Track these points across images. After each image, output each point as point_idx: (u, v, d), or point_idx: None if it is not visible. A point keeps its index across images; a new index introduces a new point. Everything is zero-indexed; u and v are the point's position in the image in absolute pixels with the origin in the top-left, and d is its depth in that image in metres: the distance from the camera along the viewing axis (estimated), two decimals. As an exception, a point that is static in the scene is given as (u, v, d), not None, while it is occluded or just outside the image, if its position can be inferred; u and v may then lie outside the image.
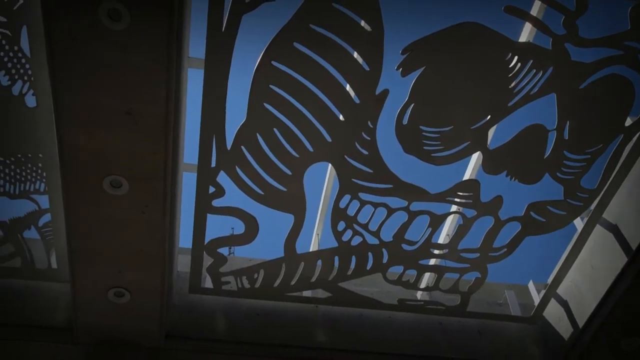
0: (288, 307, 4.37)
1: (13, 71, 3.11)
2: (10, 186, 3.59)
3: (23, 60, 3.08)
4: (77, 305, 3.79)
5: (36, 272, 4.02)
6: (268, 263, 4.12)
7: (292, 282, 4.20)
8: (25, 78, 3.15)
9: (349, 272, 4.16)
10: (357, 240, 4.00)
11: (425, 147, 3.53)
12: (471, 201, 3.85)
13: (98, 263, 3.59)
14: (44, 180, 3.58)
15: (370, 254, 4.08)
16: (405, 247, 4.04)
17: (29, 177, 3.56)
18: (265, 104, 3.36)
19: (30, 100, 3.24)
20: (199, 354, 4.13)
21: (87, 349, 3.97)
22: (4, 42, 3.00)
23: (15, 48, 3.03)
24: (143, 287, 3.74)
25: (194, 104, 3.43)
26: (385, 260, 4.10)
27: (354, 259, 4.10)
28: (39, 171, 3.54)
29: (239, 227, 3.88)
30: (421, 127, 3.46)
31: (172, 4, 2.66)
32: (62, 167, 3.19)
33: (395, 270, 4.19)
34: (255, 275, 4.16)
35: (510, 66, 3.23)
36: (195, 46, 3.37)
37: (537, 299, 4.49)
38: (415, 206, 3.86)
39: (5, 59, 3.06)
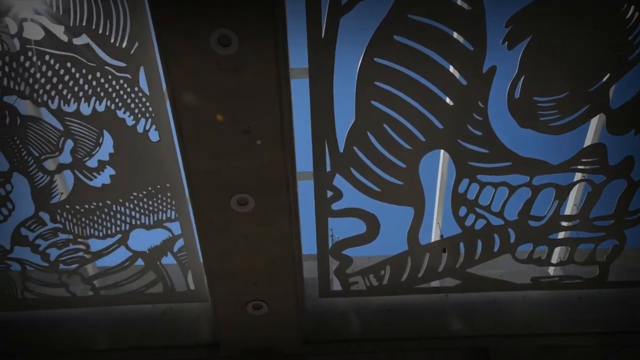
0: (418, 300, 4.36)
1: (136, 110, 3.32)
2: (145, 218, 3.83)
3: (144, 99, 3.27)
4: (219, 321, 3.98)
5: (176, 295, 4.26)
6: (393, 258, 4.13)
7: (420, 274, 4.18)
8: (147, 115, 3.34)
9: (477, 257, 4.08)
10: (481, 224, 3.92)
11: (541, 118, 3.40)
12: (598, 166, 3.66)
13: (234, 279, 3.74)
14: (173, 208, 3.78)
15: (496, 236, 3.98)
16: (532, 223, 3.91)
17: (160, 207, 3.78)
18: (372, 101, 3.37)
19: (154, 135, 3.43)
20: (339, 355, 4.21)
21: (233, 362, 4.17)
22: (125, 85, 3.21)
23: (136, 89, 3.22)
24: (278, 296, 3.86)
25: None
26: (512, 239, 3.98)
27: (479, 243, 4.02)
28: (169, 200, 3.74)
29: (344, 228, 3.93)
30: (535, 98, 3.33)
31: (275, 21, 2.74)
32: (191, 193, 3.36)
33: (525, 249, 4.06)
34: (382, 272, 4.18)
35: (627, 17, 3.04)
36: (294, 56, 3.44)
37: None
38: (538, 180, 3.72)
39: (128, 101, 3.27)
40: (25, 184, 3.63)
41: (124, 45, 3.06)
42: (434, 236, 4.31)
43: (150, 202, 3.76)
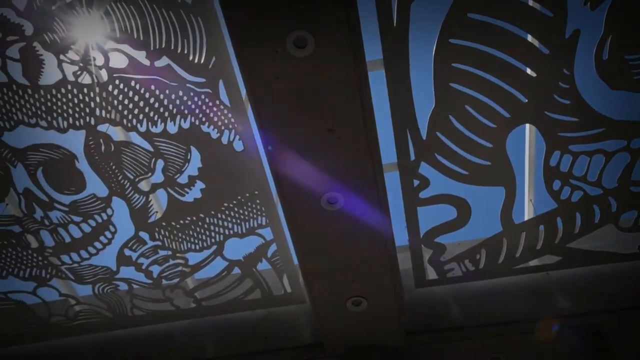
0: (518, 281, 4.23)
1: (219, 123, 3.40)
2: (237, 227, 3.92)
3: (225, 111, 3.35)
4: (320, 321, 4.02)
5: (274, 299, 4.34)
6: (488, 241, 4.03)
7: (517, 255, 4.06)
8: (230, 126, 3.42)
9: (576, 231, 3.92)
10: (577, 196, 3.76)
11: (635, 77, 3.22)
12: None
13: (331, 278, 3.77)
14: (264, 214, 3.85)
15: (595, 206, 3.81)
16: (634, 189, 3.71)
17: (251, 214, 3.86)
18: (451, 84, 3.31)
19: (238, 145, 3.51)
20: (443, 343, 4.16)
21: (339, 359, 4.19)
22: (206, 100, 3.30)
23: (217, 102, 3.30)
24: (377, 291, 3.85)
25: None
26: (614, 208, 3.80)
27: (578, 215, 3.86)
28: (258, 207, 3.81)
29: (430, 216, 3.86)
30: (626, 57, 3.16)
31: (348, 17, 2.73)
32: (281, 197, 3.41)
33: (628, 217, 3.86)
34: (478, 256, 4.09)
35: None
36: (366, 49, 3.42)
37: None
38: (637, 143, 3.53)
39: (211, 114, 3.36)
40: (124, 206, 3.80)
41: (202, 61, 3.15)
42: (528, 214, 4.17)
43: (241, 211, 3.84)
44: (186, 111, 3.36)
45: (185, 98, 3.30)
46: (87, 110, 3.35)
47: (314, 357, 4.20)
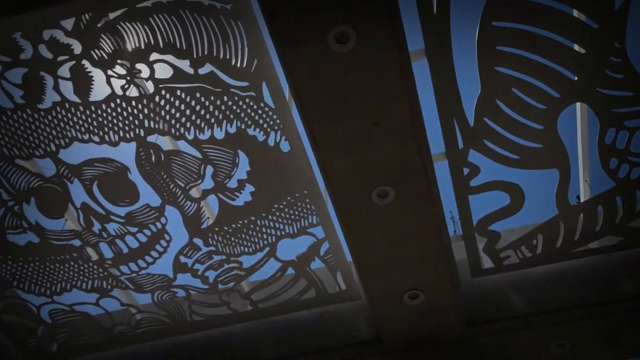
0: (579, 264, 4.12)
1: (265, 125, 3.42)
2: (288, 227, 3.94)
3: (270, 113, 3.37)
4: (378, 316, 4.00)
5: (329, 297, 4.34)
6: (544, 225, 3.94)
7: (576, 237, 3.95)
8: (276, 128, 3.44)
9: (638, 209, 3.79)
10: (637, 172, 3.64)
11: (691, 45, 3.09)
12: None
13: (387, 272, 3.74)
14: (314, 212, 3.85)
15: (657, 182, 3.68)
16: (698, 162, 3.57)
17: (301, 214, 3.87)
18: (496, 67, 3.24)
19: (284, 145, 3.52)
20: (504, 333, 4.08)
21: (398, 354, 4.16)
22: (251, 103, 3.33)
23: (261, 104, 3.33)
24: (433, 283, 3.81)
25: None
26: (679, 181, 3.66)
27: (638, 193, 3.73)
28: (308, 206, 3.82)
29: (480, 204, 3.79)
30: (679, 24, 3.04)
31: (388, 8, 2.70)
32: (330, 195, 3.41)
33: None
34: (534, 241, 4.00)
35: None
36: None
37: None
38: (699, 111, 3.39)
39: (256, 117, 3.39)
40: (177, 214, 3.87)
41: (244, 65, 3.17)
42: (584, 195, 4.05)
43: (292, 211, 3.86)
44: (232, 116, 3.39)
45: (230, 103, 3.34)
46: (136, 122, 3.43)
47: (374, 353, 4.18)
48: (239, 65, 3.18)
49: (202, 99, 3.32)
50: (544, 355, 4.20)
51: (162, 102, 3.33)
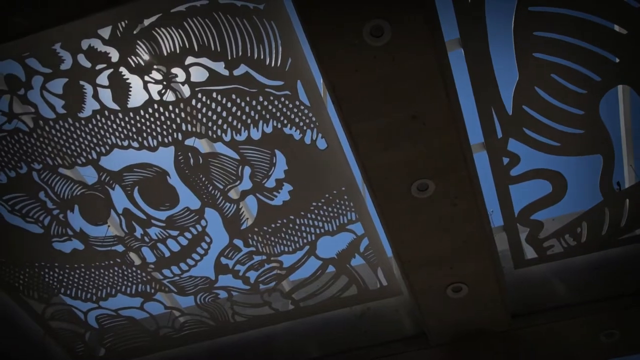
0: (627, 252, 4.03)
1: (301, 124, 3.43)
2: (328, 225, 3.93)
3: (306, 111, 3.37)
4: (422, 310, 3.96)
5: (371, 293, 4.32)
6: (588, 213, 3.85)
7: (622, 224, 3.86)
8: (312, 126, 3.43)
9: (687, 192, 3.68)
10: (684, 154, 3.54)
11: None
12: None
13: (429, 266, 3.71)
14: (352, 209, 3.84)
15: None
16: None
17: (340, 211, 3.86)
18: (534, 54, 3.18)
19: (321, 143, 3.52)
20: (552, 324, 4.00)
21: (444, 348, 4.12)
22: (286, 102, 3.33)
23: (297, 103, 3.33)
24: (476, 275, 3.76)
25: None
26: None
27: (687, 176, 3.63)
28: (347, 202, 3.81)
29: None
30: None
31: (423, 0, 2.67)
32: (370, 190, 3.39)
33: None
34: (579, 230, 3.92)
35: None
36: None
37: None
38: None
39: (292, 116, 3.39)
40: (217, 216, 3.90)
41: (278, 64, 3.18)
42: (629, 180, 3.95)
43: (330, 209, 3.85)
44: (267, 116, 3.40)
45: (265, 103, 3.35)
46: (174, 126, 3.47)
47: (420, 347, 4.14)
48: (273, 64, 3.18)
49: (238, 100, 3.34)
50: (594, 345, 4.10)
51: (199, 105, 3.36)
